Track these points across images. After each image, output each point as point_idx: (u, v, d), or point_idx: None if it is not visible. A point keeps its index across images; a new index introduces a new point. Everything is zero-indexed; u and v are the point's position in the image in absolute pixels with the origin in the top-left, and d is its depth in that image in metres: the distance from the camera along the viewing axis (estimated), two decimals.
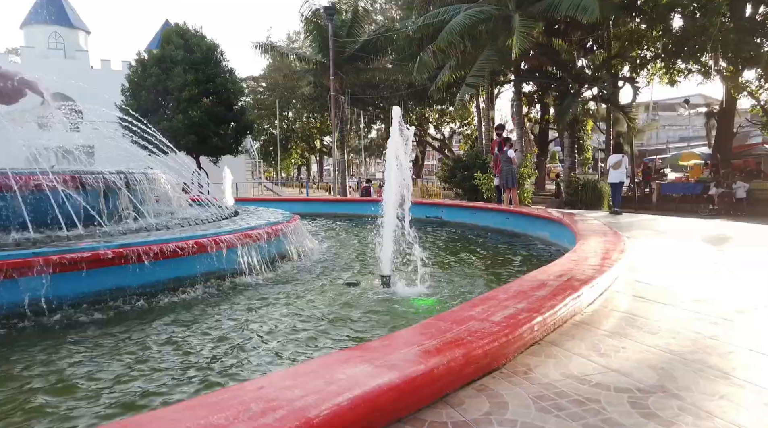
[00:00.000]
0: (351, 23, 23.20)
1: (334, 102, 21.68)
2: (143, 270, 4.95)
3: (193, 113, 19.18)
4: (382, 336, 2.56)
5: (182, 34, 20.19)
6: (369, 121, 43.76)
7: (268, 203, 15.43)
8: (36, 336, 4.02)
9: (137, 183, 7.00)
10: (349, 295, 5.11)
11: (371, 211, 12.86)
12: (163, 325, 4.25)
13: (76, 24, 29.87)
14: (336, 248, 8.31)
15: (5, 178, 5.43)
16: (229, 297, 5.16)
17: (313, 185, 49.87)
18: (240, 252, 5.84)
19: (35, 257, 4.32)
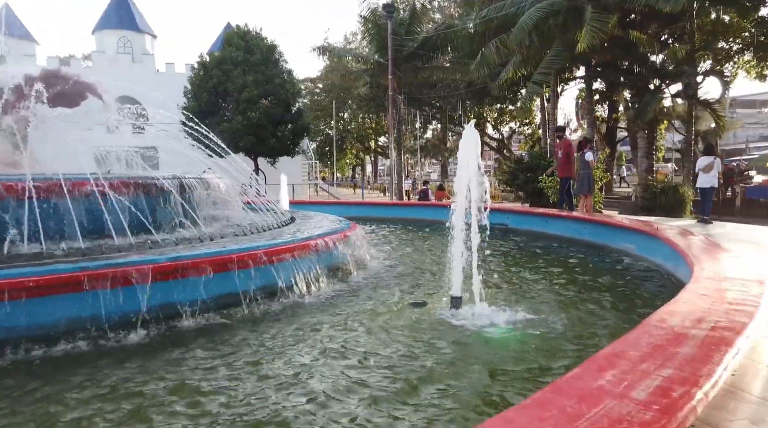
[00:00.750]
0: (409, 21, 22.62)
1: (392, 102, 21.16)
2: (190, 285, 4.56)
3: (251, 114, 19.20)
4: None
5: (243, 36, 20.30)
6: (425, 121, 43.11)
7: (324, 207, 15.11)
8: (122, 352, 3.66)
9: (192, 188, 6.70)
10: (413, 320, 4.50)
11: (431, 216, 12.20)
12: (203, 351, 3.79)
13: (143, 28, 30.89)
14: (396, 258, 7.72)
15: (55, 185, 5.20)
16: (277, 319, 4.64)
17: (368, 186, 49.71)
18: (293, 267, 5.36)
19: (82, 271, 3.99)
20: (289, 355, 3.72)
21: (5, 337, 3.74)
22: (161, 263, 4.43)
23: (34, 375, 3.44)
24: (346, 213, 13.44)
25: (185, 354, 3.77)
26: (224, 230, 6.53)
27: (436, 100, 32.13)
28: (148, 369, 3.49)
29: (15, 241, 4.78)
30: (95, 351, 3.87)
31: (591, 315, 4.64)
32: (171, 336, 4.21)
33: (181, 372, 3.44)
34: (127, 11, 30.04)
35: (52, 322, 3.90)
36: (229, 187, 7.83)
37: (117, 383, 3.27)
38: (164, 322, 4.38)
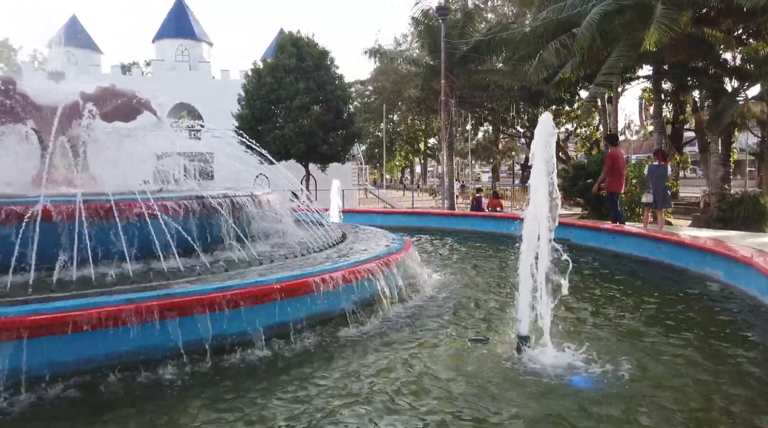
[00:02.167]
0: (463, 23, 22.04)
1: (444, 106, 20.65)
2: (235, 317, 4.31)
3: (303, 121, 19.18)
4: None
5: (295, 43, 20.34)
6: (476, 123, 42.24)
7: (374, 216, 14.80)
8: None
9: (242, 206, 6.51)
10: (475, 362, 4.05)
11: (488, 228, 11.62)
12: (228, 394, 3.49)
13: (200, 36, 31.73)
14: (453, 280, 7.26)
15: (106, 206, 5.09)
16: (312, 359, 4.24)
17: (417, 188, 49.23)
18: (341, 295, 5.02)
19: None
20: (317, 419, 3.25)
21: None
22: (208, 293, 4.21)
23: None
24: (398, 223, 13.11)
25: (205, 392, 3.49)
26: (276, 251, 6.30)
27: (488, 102, 31.32)
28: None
29: (65, 267, 4.67)
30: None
31: (693, 366, 4.01)
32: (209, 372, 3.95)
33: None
34: (185, 20, 30.92)
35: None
36: (279, 202, 7.63)
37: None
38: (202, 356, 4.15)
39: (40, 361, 3.52)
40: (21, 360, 3.39)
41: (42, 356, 3.52)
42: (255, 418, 3.22)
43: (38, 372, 3.51)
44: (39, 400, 3.45)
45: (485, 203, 16.79)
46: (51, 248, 4.73)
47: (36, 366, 3.49)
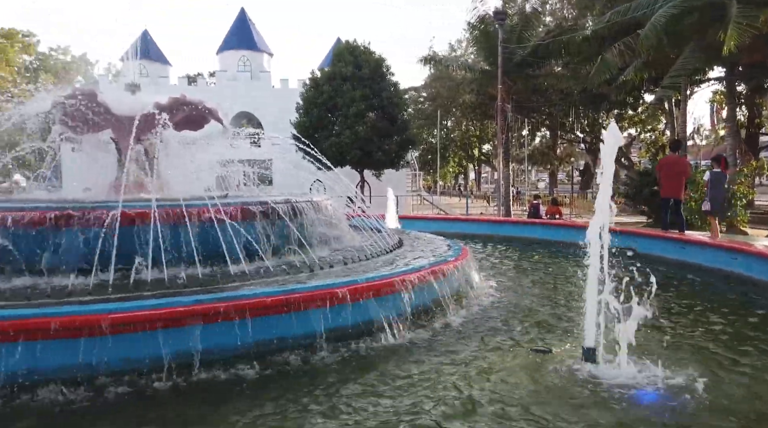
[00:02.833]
0: (520, 28, 21.68)
1: (500, 112, 20.35)
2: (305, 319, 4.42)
3: (359, 128, 19.42)
4: None
5: (352, 51, 20.66)
6: (533, 128, 41.36)
7: (429, 223, 14.76)
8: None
9: (303, 212, 6.67)
10: (539, 375, 3.95)
11: (547, 236, 11.34)
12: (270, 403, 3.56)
13: (261, 47, 32.83)
14: (510, 288, 7.12)
15: (177, 211, 5.35)
16: (366, 366, 4.24)
17: (471, 194, 48.69)
18: (397, 302, 5.02)
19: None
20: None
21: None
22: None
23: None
24: (453, 229, 13.01)
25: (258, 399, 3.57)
26: (334, 256, 6.41)
27: (546, 107, 30.59)
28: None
29: (140, 269, 4.94)
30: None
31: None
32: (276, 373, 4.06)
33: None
34: (247, 32, 32.09)
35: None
36: (336, 208, 7.76)
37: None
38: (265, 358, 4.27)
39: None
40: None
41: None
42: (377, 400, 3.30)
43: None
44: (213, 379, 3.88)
45: (543, 210, 16.37)
46: (128, 250, 5.02)
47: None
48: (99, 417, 3.38)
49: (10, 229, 4.92)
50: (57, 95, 6.69)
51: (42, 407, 3.45)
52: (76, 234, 5.03)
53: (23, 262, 4.98)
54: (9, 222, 4.92)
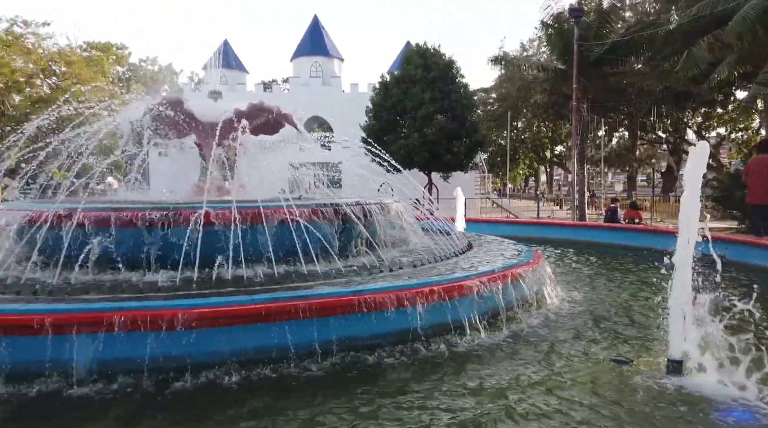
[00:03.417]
0: (597, 24, 20.80)
1: (575, 112, 19.62)
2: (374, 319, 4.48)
3: (427, 131, 19.43)
4: None
5: (422, 54, 20.72)
6: (610, 129, 39.51)
7: (498, 226, 14.49)
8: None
9: (373, 213, 6.77)
10: (617, 384, 3.77)
11: (625, 241, 10.78)
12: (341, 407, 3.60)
13: (333, 53, 33.62)
14: (585, 295, 6.85)
15: (255, 212, 5.59)
16: (434, 369, 4.23)
17: (542, 197, 47.24)
18: (467, 305, 4.97)
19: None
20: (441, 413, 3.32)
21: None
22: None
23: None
24: (524, 233, 12.69)
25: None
26: (404, 258, 6.45)
27: (624, 106, 29.14)
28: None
29: (222, 267, 5.21)
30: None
31: None
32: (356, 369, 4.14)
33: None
34: (320, 39, 32.99)
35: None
36: (405, 210, 7.81)
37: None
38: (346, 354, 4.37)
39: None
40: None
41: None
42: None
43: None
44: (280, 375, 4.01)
45: (621, 214, 15.60)
46: (210, 249, 5.31)
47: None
48: (184, 406, 3.60)
49: (107, 228, 5.35)
50: (147, 103, 7.21)
51: (124, 395, 3.72)
52: (164, 233, 5.39)
53: (119, 258, 5.39)
54: (107, 222, 5.34)
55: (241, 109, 7.19)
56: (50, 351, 3.69)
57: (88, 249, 5.18)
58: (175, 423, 3.36)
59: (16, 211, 5.87)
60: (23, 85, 37.09)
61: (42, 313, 3.76)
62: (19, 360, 3.75)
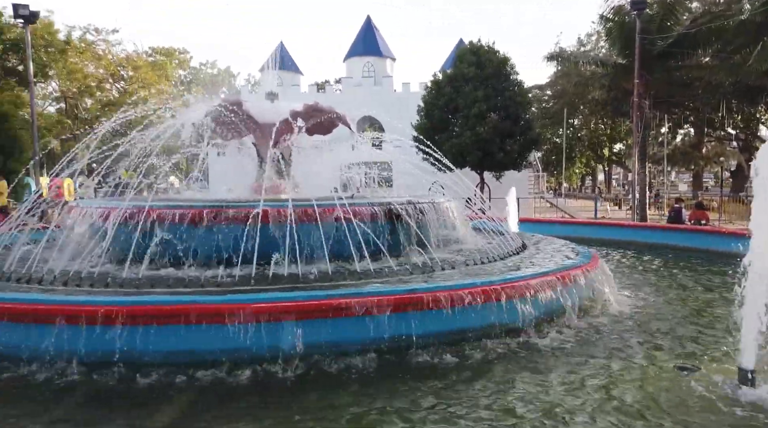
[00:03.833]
0: (661, 16, 19.84)
1: (637, 108, 18.81)
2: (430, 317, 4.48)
3: (480, 129, 19.15)
4: None
5: (475, 51, 20.44)
6: (674, 125, 37.62)
7: (553, 226, 14.11)
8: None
9: (424, 212, 6.76)
10: (683, 393, 3.60)
11: (690, 243, 10.25)
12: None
13: (385, 53, 33.77)
14: (646, 299, 6.56)
15: (310, 210, 5.71)
16: (490, 370, 4.18)
17: (600, 197, 45.60)
18: (523, 306, 4.86)
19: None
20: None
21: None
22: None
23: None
24: (579, 233, 12.29)
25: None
26: (455, 258, 6.40)
27: (690, 101, 27.64)
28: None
29: (277, 263, 5.36)
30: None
31: None
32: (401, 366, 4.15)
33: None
34: (372, 39, 33.23)
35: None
36: (457, 209, 7.74)
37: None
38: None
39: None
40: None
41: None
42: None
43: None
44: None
45: (686, 215, 14.83)
46: (267, 246, 5.47)
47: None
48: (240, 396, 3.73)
49: (171, 225, 5.61)
50: (209, 105, 7.49)
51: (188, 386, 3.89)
52: (223, 231, 5.60)
53: (181, 254, 5.64)
54: (170, 219, 5.60)
55: (297, 109, 7.36)
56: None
57: (153, 244, 5.46)
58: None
59: (89, 209, 6.25)
60: (94, 90, 39.39)
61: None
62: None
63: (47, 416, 3.45)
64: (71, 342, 3.90)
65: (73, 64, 34.47)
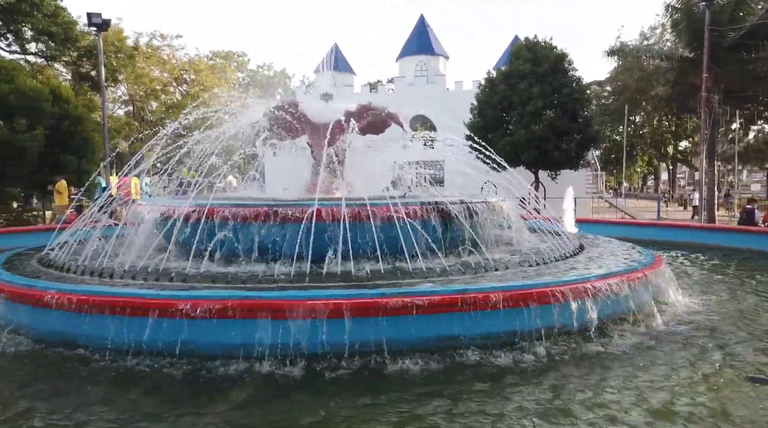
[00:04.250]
0: (732, 6, 18.66)
1: (705, 104, 17.81)
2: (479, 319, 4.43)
3: (535, 127, 18.70)
4: None
5: (531, 47, 19.97)
6: (746, 122, 35.37)
7: (612, 227, 13.57)
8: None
9: (477, 212, 6.68)
10: (755, 408, 3.38)
11: (762, 246, 9.62)
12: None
13: (438, 51, 33.56)
14: (713, 306, 6.19)
15: (363, 210, 5.76)
16: (546, 373, 4.08)
17: (664, 197, 43.47)
18: (581, 308, 4.71)
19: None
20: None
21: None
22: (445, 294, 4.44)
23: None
24: (641, 235, 11.76)
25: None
26: (509, 258, 6.29)
27: (765, 96, 25.90)
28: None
29: (331, 261, 5.44)
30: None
31: None
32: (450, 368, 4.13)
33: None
34: (425, 38, 33.10)
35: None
36: (511, 209, 7.60)
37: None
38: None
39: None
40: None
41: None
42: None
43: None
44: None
45: (759, 216, 13.90)
46: (321, 244, 5.57)
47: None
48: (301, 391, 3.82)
49: (229, 223, 5.81)
50: (266, 106, 7.71)
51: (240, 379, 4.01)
52: (278, 229, 5.74)
53: (239, 251, 5.83)
54: (229, 217, 5.80)
55: (350, 109, 7.44)
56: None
57: (212, 241, 5.67)
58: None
59: (154, 207, 6.58)
60: (159, 93, 41.38)
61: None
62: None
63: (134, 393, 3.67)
64: (137, 333, 4.15)
65: (141, 68, 36.31)
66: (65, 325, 4.48)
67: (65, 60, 28.89)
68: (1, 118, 15.93)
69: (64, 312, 4.41)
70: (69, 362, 4.30)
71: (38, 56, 28.73)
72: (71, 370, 4.17)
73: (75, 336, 4.45)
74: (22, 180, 16.20)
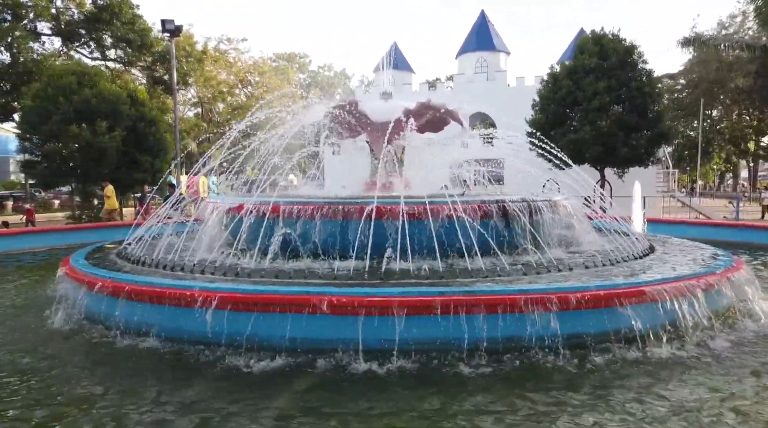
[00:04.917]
0: None
1: None
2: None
3: (601, 123, 17.96)
4: None
5: (598, 41, 19.19)
6: None
7: (686, 228, 12.82)
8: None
9: (539, 211, 6.50)
10: None
11: None
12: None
13: (499, 47, 32.91)
14: None
15: (421, 208, 5.75)
16: (614, 378, 3.93)
17: (743, 196, 40.56)
18: (647, 314, 4.49)
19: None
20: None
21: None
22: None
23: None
24: (718, 237, 11.03)
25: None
26: (573, 258, 6.09)
27: None
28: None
29: (390, 259, 5.47)
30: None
31: None
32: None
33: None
34: (486, 34, 32.53)
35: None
36: (575, 208, 7.34)
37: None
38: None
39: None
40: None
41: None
42: None
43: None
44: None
45: None
46: (380, 242, 5.61)
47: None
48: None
49: (291, 220, 5.96)
50: (326, 106, 7.85)
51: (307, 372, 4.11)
52: (338, 226, 5.84)
53: (300, 247, 5.98)
54: (291, 214, 5.96)
55: (409, 108, 7.45)
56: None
57: (274, 237, 5.84)
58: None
59: (221, 205, 6.86)
60: (226, 95, 43.11)
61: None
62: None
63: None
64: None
65: (209, 71, 37.98)
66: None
67: (141, 65, 30.69)
68: (84, 121, 17.15)
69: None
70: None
71: (117, 62, 30.68)
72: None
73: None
74: (103, 179, 17.38)
